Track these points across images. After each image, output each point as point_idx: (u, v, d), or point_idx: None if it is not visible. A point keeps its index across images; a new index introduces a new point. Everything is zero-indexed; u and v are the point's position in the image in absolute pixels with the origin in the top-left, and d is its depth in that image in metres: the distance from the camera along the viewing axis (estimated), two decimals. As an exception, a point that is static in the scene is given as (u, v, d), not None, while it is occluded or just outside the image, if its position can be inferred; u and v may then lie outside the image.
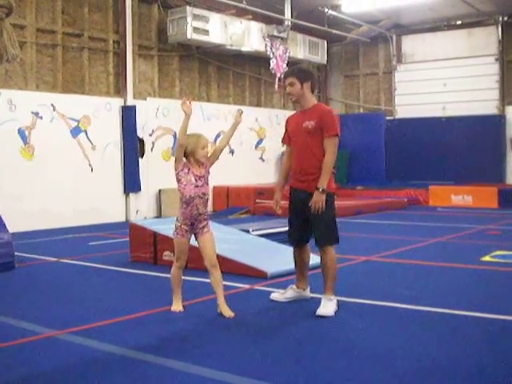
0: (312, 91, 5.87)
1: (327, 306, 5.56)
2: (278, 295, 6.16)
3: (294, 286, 6.12)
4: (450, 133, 18.98)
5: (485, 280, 7.18)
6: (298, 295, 6.09)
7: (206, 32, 15.23)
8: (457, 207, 16.60)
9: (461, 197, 17.19)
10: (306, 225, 5.78)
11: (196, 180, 5.58)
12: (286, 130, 6.04)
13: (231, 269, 7.29)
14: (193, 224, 5.64)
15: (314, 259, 7.36)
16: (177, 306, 5.76)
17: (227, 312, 5.55)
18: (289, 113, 19.00)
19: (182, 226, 5.63)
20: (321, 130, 5.62)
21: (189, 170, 5.58)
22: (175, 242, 5.73)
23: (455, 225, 12.56)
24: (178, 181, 5.61)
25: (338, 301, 5.70)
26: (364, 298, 6.16)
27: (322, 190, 5.55)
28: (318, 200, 5.55)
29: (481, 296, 6.30)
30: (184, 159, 5.58)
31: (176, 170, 5.61)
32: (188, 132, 5.57)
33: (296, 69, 6.08)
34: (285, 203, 5.96)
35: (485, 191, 16.91)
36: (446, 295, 6.33)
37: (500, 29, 18.47)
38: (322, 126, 5.61)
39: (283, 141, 6.11)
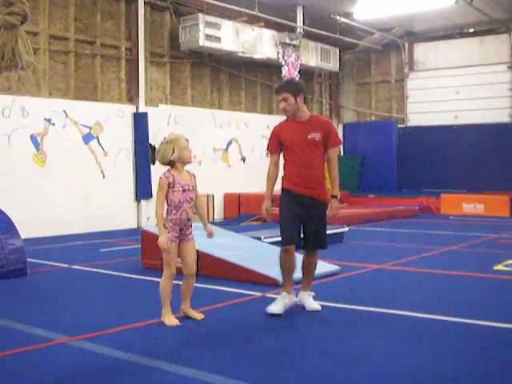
0: (305, 102, 5.98)
1: (315, 302, 6.04)
2: (275, 308, 5.85)
3: (285, 293, 5.96)
4: (461, 141, 18.92)
5: (498, 289, 7.13)
6: (290, 301, 5.99)
7: (218, 39, 15.26)
8: (468, 215, 16.53)
9: (472, 205, 17.12)
10: (300, 229, 6.00)
11: (183, 188, 5.53)
12: (278, 139, 6.07)
13: (243, 276, 7.29)
14: (181, 230, 5.56)
15: (319, 269, 7.44)
16: (172, 321, 5.52)
17: (197, 315, 5.67)
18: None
19: (172, 233, 5.51)
20: (325, 142, 5.91)
21: (174, 181, 5.49)
22: (168, 249, 5.49)
23: (467, 233, 12.50)
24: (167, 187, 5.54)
25: None
26: (375, 306, 6.13)
27: (339, 197, 6.07)
28: (337, 206, 6.03)
29: (494, 305, 6.26)
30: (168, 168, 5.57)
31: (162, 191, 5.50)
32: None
33: (287, 83, 6.14)
34: (274, 210, 6.07)
35: (497, 200, 16.84)
36: (459, 304, 6.29)
37: (512, 36, 18.44)
38: (328, 137, 5.91)
39: (272, 150, 6.14)
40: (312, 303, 6.01)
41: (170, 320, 5.51)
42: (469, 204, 17.18)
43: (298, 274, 6.23)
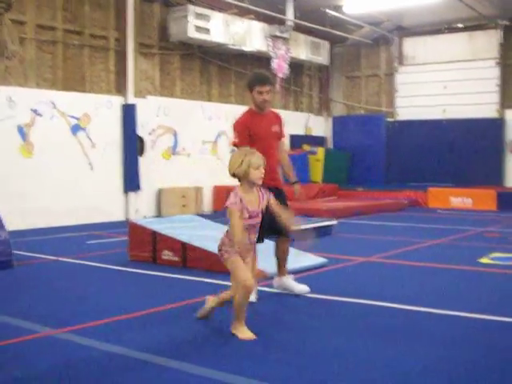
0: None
1: (300, 284, 6.34)
2: (252, 296, 5.87)
3: None
4: (449, 135, 19.00)
5: (483, 282, 7.17)
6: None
7: (208, 31, 15.21)
8: (456, 209, 16.59)
9: (460, 199, 17.18)
10: None
11: (251, 215, 4.93)
12: (248, 131, 6.00)
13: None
14: (241, 253, 4.94)
15: (306, 262, 7.43)
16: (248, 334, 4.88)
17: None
18: (290, 113, 19.05)
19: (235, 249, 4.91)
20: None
21: (241, 208, 4.86)
22: (234, 263, 4.91)
23: (454, 227, 12.54)
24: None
25: None
26: (362, 298, 6.13)
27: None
28: (301, 191, 6.48)
29: (478, 297, 6.28)
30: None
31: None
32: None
33: (269, 75, 6.25)
34: None
35: (484, 194, 16.91)
36: (443, 296, 6.32)
37: (501, 32, 18.45)
38: (281, 129, 6.36)
39: (245, 142, 5.85)
40: (301, 287, 6.29)
41: (247, 333, 4.89)
42: (456, 198, 17.24)
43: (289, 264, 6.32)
